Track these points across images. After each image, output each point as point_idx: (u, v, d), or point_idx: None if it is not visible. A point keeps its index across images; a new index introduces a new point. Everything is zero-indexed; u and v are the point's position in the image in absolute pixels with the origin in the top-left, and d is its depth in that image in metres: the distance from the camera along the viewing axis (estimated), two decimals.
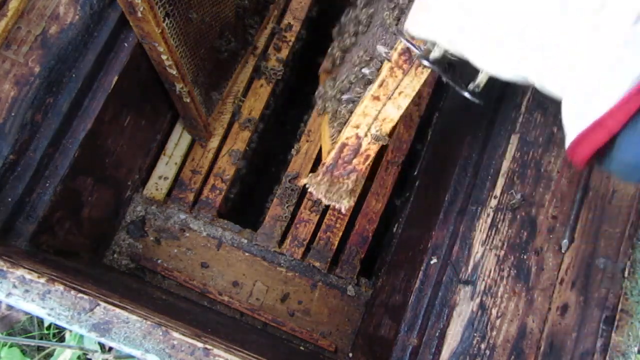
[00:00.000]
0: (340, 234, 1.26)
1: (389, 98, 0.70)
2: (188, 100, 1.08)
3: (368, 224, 1.30)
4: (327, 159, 0.74)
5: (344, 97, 0.85)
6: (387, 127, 0.72)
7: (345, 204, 0.74)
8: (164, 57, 0.93)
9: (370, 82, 0.76)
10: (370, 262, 1.31)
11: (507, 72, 0.48)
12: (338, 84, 0.94)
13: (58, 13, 0.91)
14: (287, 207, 1.25)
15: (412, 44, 0.64)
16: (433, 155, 1.28)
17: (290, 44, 1.35)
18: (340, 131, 0.79)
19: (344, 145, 0.73)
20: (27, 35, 0.89)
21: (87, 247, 1.13)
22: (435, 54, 0.60)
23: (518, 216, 0.82)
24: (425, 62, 0.61)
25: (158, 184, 1.27)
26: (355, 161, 0.72)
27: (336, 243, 1.25)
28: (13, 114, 0.87)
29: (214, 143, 1.29)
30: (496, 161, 0.86)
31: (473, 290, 0.80)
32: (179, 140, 1.29)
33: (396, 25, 0.75)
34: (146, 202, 1.25)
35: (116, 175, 1.15)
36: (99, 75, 0.97)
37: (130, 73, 1.02)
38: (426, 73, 0.69)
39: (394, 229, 1.31)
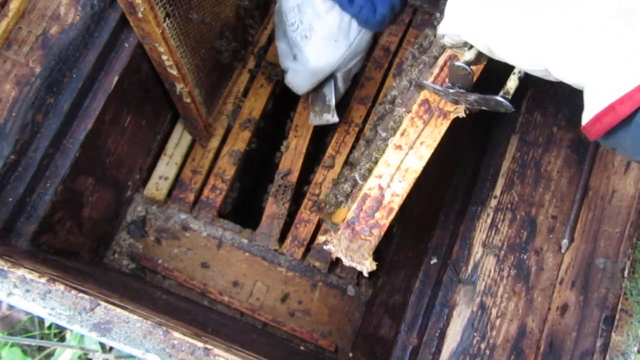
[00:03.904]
0: None
1: (411, 147, 0.70)
2: (188, 100, 1.08)
3: None
4: (349, 213, 0.71)
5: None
6: (410, 178, 0.70)
7: (367, 265, 0.69)
8: (164, 57, 0.93)
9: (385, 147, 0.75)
10: None
11: (527, 64, 0.52)
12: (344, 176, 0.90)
13: (59, 13, 0.91)
14: (282, 204, 1.25)
15: (434, 87, 0.68)
16: (433, 155, 1.27)
17: None
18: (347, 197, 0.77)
19: (366, 196, 0.70)
20: (27, 35, 0.90)
21: (87, 247, 1.13)
22: (467, 56, 0.62)
23: (518, 216, 0.82)
24: (461, 64, 0.62)
25: (158, 184, 1.27)
26: (377, 215, 0.70)
27: None
28: (14, 114, 0.87)
29: (214, 143, 1.30)
30: (496, 161, 0.86)
31: (473, 290, 0.80)
32: (179, 141, 1.29)
33: (416, 82, 0.75)
34: (147, 202, 1.25)
35: (117, 176, 1.15)
36: (99, 76, 0.97)
37: (131, 73, 1.02)
38: (446, 124, 0.70)
39: (394, 229, 1.31)
